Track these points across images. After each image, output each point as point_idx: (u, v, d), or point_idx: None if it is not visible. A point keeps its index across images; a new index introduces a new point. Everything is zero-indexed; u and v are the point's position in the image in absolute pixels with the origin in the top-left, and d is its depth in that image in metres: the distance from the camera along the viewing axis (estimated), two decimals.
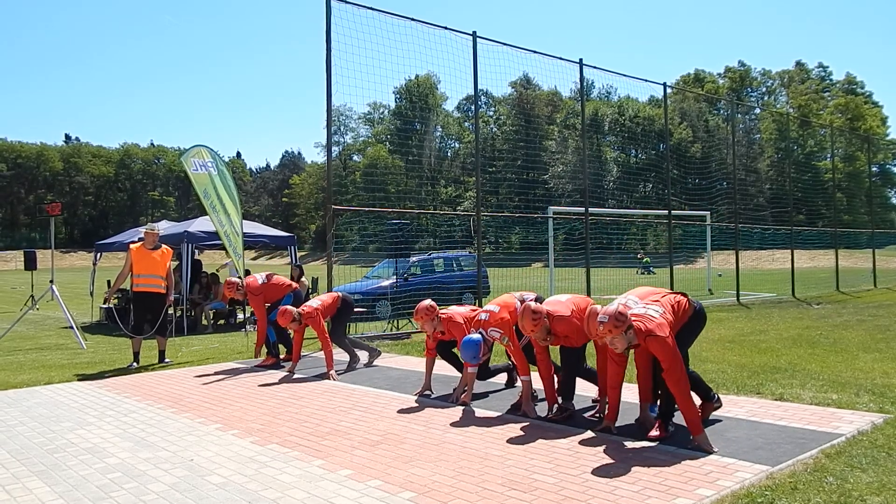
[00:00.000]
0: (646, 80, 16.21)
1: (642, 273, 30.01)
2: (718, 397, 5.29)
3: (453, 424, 5.32)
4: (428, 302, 6.40)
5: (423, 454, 4.53)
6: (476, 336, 5.82)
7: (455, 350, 6.49)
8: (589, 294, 12.89)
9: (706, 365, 7.44)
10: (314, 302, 8.14)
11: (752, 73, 78.13)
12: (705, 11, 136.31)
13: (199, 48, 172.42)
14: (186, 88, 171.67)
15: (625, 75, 16.07)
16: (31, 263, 20.19)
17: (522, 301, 5.86)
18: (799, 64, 76.08)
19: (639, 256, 33.96)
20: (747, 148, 54.39)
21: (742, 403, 5.68)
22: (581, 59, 13.96)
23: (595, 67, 14.58)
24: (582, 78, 14.30)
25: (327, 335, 7.81)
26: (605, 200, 39.66)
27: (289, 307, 7.84)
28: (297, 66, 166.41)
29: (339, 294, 8.52)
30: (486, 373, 6.49)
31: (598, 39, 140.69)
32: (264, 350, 8.61)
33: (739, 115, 61.44)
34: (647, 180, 49.20)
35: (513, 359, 6.04)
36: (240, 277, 8.80)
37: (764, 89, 78.86)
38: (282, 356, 8.65)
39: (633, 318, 4.55)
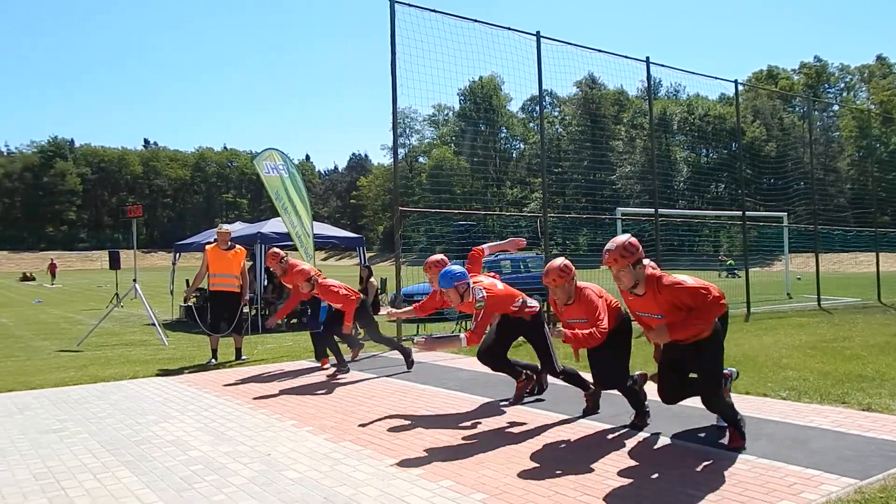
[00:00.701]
0: (716, 78, 15.71)
1: (727, 276, 29.03)
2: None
3: (525, 427, 5.29)
4: (438, 256, 6.39)
5: (494, 456, 4.52)
6: (460, 269, 5.66)
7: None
8: None
9: (787, 372, 7.17)
10: (335, 281, 8.12)
11: (829, 68, 74.63)
12: (778, 5, 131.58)
13: (269, 54, 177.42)
14: (257, 93, 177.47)
15: (694, 73, 15.50)
16: (115, 263, 21.23)
17: None
18: (880, 58, 72.14)
19: (721, 258, 32.91)
20: (825, 146, 52.17)
21: (826, 413, 5.45)
22: (648, 58, 13.64)
23: (663, 66, 14.21)
24: (649, 76, 13.98)
25: (348, 303, 7.75)
26: (676, 201, 38.74)
27: (305, 268, 7.98)
28: (362, 69, 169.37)
29: (361, 296, 8.24)
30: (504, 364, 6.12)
31: (665, 36, 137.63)
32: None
33: (816, 113, 58.89)
34: (720, 180, 47.76)
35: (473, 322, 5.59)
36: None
37: (842, 85, 75.22)
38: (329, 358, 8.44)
39: (650, 267, 4.25)
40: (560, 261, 4.96)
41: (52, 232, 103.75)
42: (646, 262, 4.43)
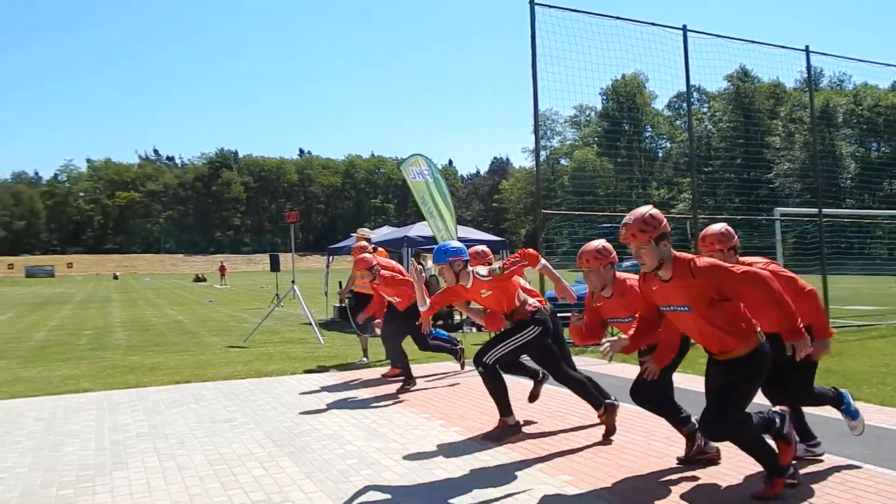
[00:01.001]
0: (886, 65, 14.37)
1: None
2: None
3: (676, 437, 5.09)
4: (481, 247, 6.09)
5: (644, 466, 4.40)
6: (458, 245, 5.21)
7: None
8: (827, 305, 11.63)
9: None
10: (394, 273, 7.62)
11: None
12: None
13: (411, 62, 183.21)
14: (402, 100, 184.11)
15: (860, 60, 14.15)
16: (275, 265, 22.79)
17: None
18: None
19: None
20: None
21: None
22: (807, 46, 12.64)
23: (824, 54, 13.18)
24: (809, 66, 12.97)
25: (383, 301, 7.61)
26: (842, 200, 35.69)
27: (367, 256, 7.55)
28: (503, 72, 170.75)
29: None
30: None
31: (826, 22, 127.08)
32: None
33: None
34: (894, 176, 43.35)
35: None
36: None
37: None
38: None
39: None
40: (599, 242, 4.49)
41: (220, 236, 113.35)
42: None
